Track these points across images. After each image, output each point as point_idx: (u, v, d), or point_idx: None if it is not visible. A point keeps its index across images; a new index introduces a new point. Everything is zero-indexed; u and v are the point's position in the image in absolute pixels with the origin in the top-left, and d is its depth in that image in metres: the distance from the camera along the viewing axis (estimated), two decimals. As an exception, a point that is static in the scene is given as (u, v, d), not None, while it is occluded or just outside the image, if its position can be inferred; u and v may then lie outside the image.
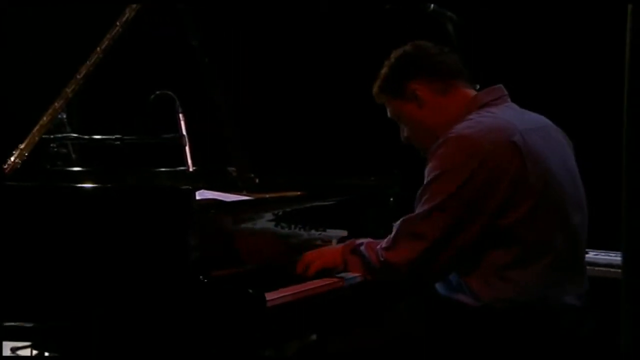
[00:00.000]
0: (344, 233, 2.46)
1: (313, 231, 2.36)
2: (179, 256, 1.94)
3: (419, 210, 1.94)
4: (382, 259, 1.98)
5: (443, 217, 1.89)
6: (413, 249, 1.92)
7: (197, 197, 2.01)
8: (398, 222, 1.98)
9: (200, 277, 1.91)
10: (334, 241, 2.42)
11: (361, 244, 2.07)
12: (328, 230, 2.41)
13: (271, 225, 2.24)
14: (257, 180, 2.44)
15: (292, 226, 2.30)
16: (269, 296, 1.95)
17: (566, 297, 1.94)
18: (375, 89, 2.14)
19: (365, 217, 2.57)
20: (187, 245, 1.94)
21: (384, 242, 2.00)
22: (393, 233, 1.98)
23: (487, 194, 1.88)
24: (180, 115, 2.48)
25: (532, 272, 1.90)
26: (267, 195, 2.36)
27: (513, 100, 2.10)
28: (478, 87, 2.12)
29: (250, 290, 1.91)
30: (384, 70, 2.12)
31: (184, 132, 2.46)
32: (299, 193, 2.42)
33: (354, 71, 2.28)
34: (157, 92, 2.49)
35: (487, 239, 1.91)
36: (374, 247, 2.02)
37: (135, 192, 2.04)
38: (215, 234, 2.07)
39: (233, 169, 2.49)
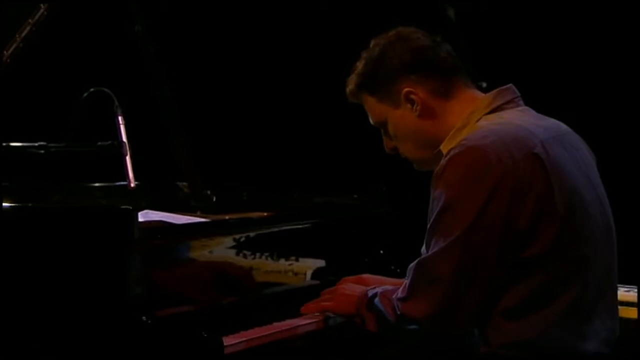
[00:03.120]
0: (321, 263, 2.47)
1: (282, 261, 2.37)
2: (116, 292, 1.94)
3: (432, 248, 1.92)
4: (398, 313, 1.97)
5: (462, 253, 1.87)
6: (431, 297, 1.91)
7: (140, 219, 2.01)
8: (412, 264, 1.97)
9: (143, 317, 1.92)
10: (308, 273, 2.43)
11: (375, 294, 2.05)
12: (301, 259, 2.42)
13: (231, 253, 2.24)
14: (214, 199, 2.44)
15: (257, 254, 2.30)
16: (228, 341, 1.95)
17: (590, 344, 1.94)
18: (351, 87, 2.10)
19: (346, 244, 2.57)
20: (127, 279, 1.94)
21: (399, 291, 1.98)
22: (408, 279, 1.97)
23: (510, 220, 1.87)
24: (120, 118, 2.46)
25: (550, 314, 1.90)
26: (227, 217, 2.36)
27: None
28: (485, 85, 2.12)
29: (205, 334, 1.91)
30: (363, 65, 2.08)
31: (124, 139, 2.44)
32: (265, 214, 2.42)
33: (332, 67, 2.26)
34: (91, 90, 2.47)
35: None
36: (390, 296, 2.01)
37: (63, 212, 2.04)
38: (162, 264, 2.07)
39: (184, 184, 2.49)
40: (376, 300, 2.04)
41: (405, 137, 2.08)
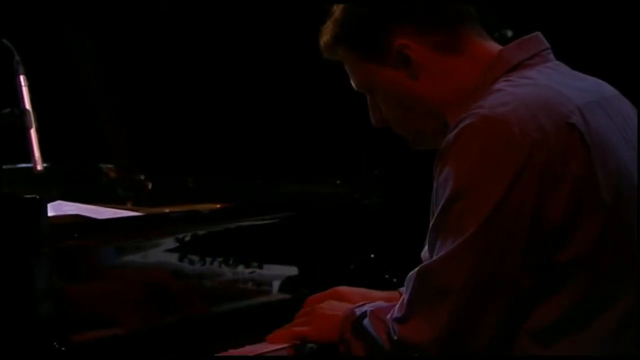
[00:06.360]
0: (292, 271, 2.48)
1: (241, 268, 2.37)
2: (18, 309, 1.94)
3: (438, 252, 1.90)
4: (395, 338, 1.96)
5: (477, 258, 1.86)
6: (438, 316, 1.89)
7: (51, 213, 2.02)
8: (412, 273, 1.96)
9: (54, 343, 1.93)
10: (275, 284, 2.43)
11: (364, 313, 2.06)
12: (266, 266, 2.42)
13: (173, 258, 2.24)
14: (149, 186, 2.47)
15: (208, 260, 2.29)
16: (167, 375, 1.93)
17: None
18: (326, 38, 2.09)
19: (326, 245, 2.57)
20: (32, 291, 1.94)
21: (396, 309, 1.98)
22: (406, 293, 1.96)
23: (540, 211, 1.85)
24: (22, 78, 2.45)
25: (591, 335, 1.90)
26: (167, 210, 2.38)
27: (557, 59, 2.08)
28: (511, 34, 2.12)
29: (136, 366, 1.89)
30: (342, 9, 2.07)
31: (28, 106, 2.42)
32: (218, 206, 2.43)
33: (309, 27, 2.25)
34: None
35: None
36: (383, 316, 2.01)
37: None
38: (79, 272, 2.06)
39: (110, 166, 2.49)
40: (365, 321, 2.03)
41: (398, 105, 2.07)
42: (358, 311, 2.07)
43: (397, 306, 1.96)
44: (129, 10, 2.98)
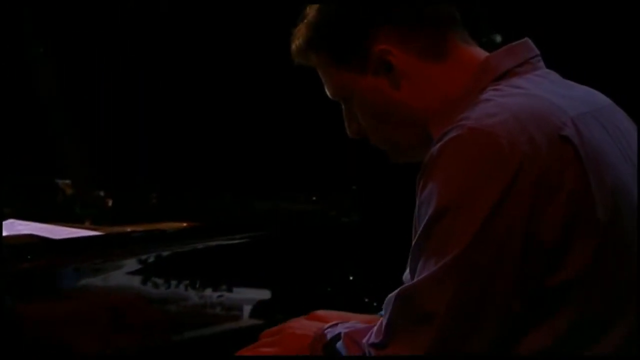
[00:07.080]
0: (265, 295, 2.47)
1: (209, 291, 2.36)
2: None
3: (420, 274, 1.89)
4: None
5: (462, 280, 1.85)
6: (419, 342, 1.88)
7: (4, 233, 2.06)
8: (391, 296, 1.94)
9: None
10: (246, 309, 2.43)
11: (337, 335, 2.06)
12: (236, 289, 2.42)
13: (136, 281, 2.24)
14: (109, 203, 2.44)
15: (173, 283, 2.30)
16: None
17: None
18: (298, 42, 2.08)
19: (301, 267, 2.57)
20: None
21: (373, 333, 1.97)
22: (386, 317, 1.94)
23: (531, 231, 1.85)
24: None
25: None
26: (129, 229, 2.39)
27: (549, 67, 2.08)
28: (500, 39, 2.12)
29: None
30: (317, 11, 2.06)
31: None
32: (184, 225, 2.44)
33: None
34: None
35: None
36: (359, 339, 2.01)
37: None
38: (33, 297, 2.06)
39: (67, 182, 2.47)
40: (339, 344, 2.03)
41: (377, 115, 2.06)
42: (330, 333, 2.06)
43: (375, 330, 1.95)
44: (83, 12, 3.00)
